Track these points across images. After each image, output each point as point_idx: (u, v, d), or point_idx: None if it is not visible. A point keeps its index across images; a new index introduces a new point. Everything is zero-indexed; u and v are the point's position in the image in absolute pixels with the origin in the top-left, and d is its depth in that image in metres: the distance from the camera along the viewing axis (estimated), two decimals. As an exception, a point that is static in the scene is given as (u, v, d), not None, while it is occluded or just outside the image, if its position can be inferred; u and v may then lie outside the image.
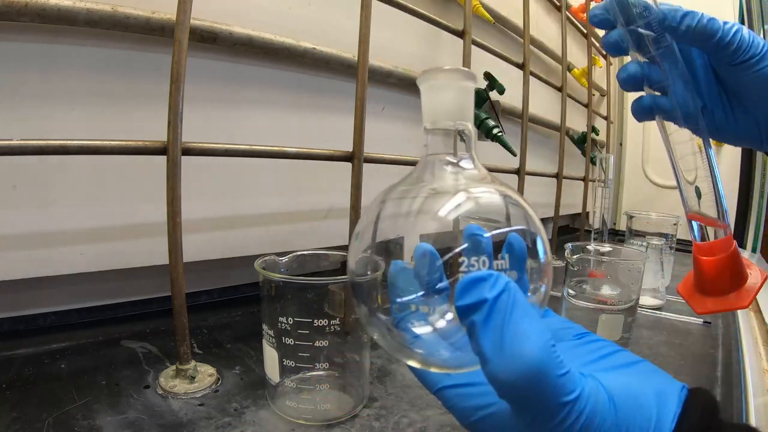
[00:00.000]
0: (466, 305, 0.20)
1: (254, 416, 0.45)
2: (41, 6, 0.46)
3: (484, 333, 0.20)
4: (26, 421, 0.41)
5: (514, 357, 0.19)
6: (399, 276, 0.25)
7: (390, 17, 0.73)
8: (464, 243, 0.23)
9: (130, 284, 0.67)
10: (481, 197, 0.25)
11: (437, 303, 0.24)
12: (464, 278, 0.20)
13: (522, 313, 0.20)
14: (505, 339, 0.19)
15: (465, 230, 0.24)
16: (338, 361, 0.46)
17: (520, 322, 0.20)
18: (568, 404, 0.20)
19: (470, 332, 0.20)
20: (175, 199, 0.47)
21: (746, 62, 0.34)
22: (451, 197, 0.25)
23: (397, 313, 0.25)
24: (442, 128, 0.26)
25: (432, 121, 0.26)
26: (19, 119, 0.50)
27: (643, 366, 0.25)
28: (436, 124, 0.26)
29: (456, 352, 0.24)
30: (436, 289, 0.24)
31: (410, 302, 0.24)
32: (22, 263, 0.53)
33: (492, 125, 0.90)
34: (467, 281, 0.20)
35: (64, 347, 0.57)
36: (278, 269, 0.48)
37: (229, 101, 0.65)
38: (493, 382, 0.20)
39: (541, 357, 0.19)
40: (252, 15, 0.64)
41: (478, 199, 0.25)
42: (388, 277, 0.25)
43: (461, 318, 0.20)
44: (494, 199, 0.25)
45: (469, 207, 0.25)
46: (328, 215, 0.79)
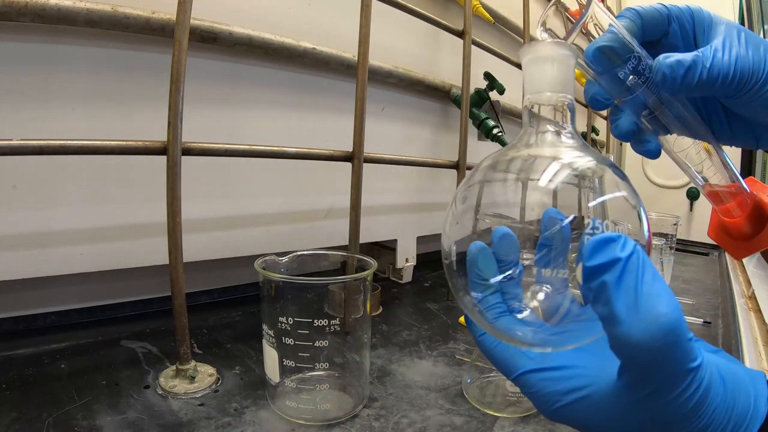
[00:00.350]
0: (598, 265, 0.19)
1: (254, 416, 0.45)
2: (41, 6, 0.46)
3: (617, 293, 0.19)
4: (26, 421, 0.42)
5: (650, 317, 0.18)
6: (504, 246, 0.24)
7: (390, 17, 0.73)
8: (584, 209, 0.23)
9: (130, 284, 0.67)
10: (587, 166, 0.25)
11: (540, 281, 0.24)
12: (594, 238, 0.19)
13: (653, 274, 0.19)
14: (640, 299, 0.19)
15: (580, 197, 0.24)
16: (338, 361, 0.46)
17: (652, 282, 0.19)
18: (693, 371, 0.20)
19: (598, 294, 0.19)
20: (175, 199, 0.47)
21: (748, 93, 0.31)
22: (559, 164, 0.24)
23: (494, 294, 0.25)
24: (546, 100, 0.26)
25: (535, 92, 0.26)
26: (19, 119, 0.50)
27: (724, 354, 0.25)
28: (539, 96, 0.26)
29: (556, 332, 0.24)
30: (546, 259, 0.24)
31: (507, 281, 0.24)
32: (22, 263, 0.53)
33: (492, 125, 0.90)
34: (598, 241, 0.19)
35: (64, 347, 0.57)
36: (278, 269, 0.48)
37: (229, 101, 0.65)
38: (624, 346, 0.19)
39: (676, 318, 0.19)
40: (252, 15, 0.64)
41: (583, 168, 0.25)
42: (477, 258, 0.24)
43: (589, 279, 0.20)
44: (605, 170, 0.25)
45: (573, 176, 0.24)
46: (328, 215, 0.79)
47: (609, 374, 0.22)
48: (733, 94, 0.31)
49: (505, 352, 0.26)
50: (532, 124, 0.26)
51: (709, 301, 0.98)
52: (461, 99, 0.84)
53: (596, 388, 0.23)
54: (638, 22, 0.33)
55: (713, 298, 1.01)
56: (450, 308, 0.80)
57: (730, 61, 0.30)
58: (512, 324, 0.25)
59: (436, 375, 0.56)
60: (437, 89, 0.91)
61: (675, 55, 0.30)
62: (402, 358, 0.60)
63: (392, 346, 0.63)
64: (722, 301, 0.98)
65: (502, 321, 0.25)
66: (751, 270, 1.26)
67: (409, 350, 0.63)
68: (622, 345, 0.19)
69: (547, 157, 0.25)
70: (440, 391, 0.52)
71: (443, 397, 0.51)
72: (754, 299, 0.99)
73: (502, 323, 0.25)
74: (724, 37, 0.31)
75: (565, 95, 0.25)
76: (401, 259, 0.93)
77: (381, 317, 0.74)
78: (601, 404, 0.22)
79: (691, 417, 0.20)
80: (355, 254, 0.56)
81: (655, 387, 0.20)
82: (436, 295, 0.87)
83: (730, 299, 0.98)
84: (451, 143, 0.94)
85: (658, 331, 0.18)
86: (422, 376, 0.55)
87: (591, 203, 0.24)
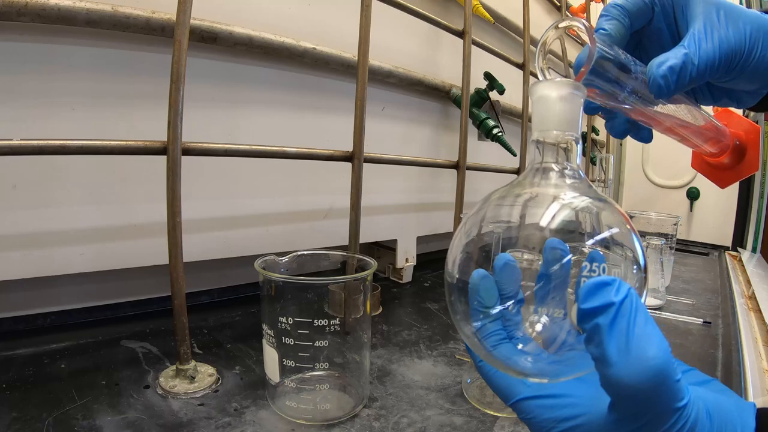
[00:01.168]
0: (592, 308, 0.20)
1: (254, 416, 0.45)
2: (41, 6, 0.46)
3: (610, 336, 0.20)
4: (26, 421, 0.42)
5: (640, 360, 0.19)
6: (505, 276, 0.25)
7: (390, 17, 0.73)
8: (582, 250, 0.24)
9: (130, 284, 0.67)
10: (586, 206, 0.26)
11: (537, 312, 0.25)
12: (590, 281, 0.20)
13: (644, 317, 0.20)
14: (631, 342, 0.19)
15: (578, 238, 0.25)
16: (338, 361, 0.46)
17: (644, 326, 0.20)
18: (679, 410, 0.21)
19: (591, 335, 0.20)
20: (175, 199, 0.47)
21: (732, 72, 0.32)
22: (559, 204, 0.26)
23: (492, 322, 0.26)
24: (552, 138, 0.27)
25: (541, 131, 0.27)
26: (19, 119, 0.50)
27: (717, 384, 0.26)
28: (546, 134, 0.27)
29: (553, 363, 0.25)
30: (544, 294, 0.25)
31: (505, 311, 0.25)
32: (22, 263, 0.53)
33: (492, 125, 0.90)
34: (593, 285, 0.20)
35: (64, 347, 0.57)
36: (278, 269, 0.48)
37: (229, 101, 0.65)
38: (614, 386, 0.20)
39: (665, 360, 0.20)
40: (252, 15, 0.64)
41: (583, 208, 0.26)
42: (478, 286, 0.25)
43: (583, 321, 0.21)
44: (603, 209, 0.26)
45: (573, 215, 0.26)
46: (328, 215, 0.79)
47: (602, 405, 0.23)
48: (719, 78, 0.33)
49: (503, 380, 0.28)
50: (538, 161, 0.27)
51: (709, 301, 0.98)
52: (461, 99, 0.84)
53: (589, 418, 0.24)
54: (626, 21, 0.34)
55: (713, 298, 1.01)
56: (450, 308, 0.80)
57: (714, 49, 0.31)
58: (511, 353, 0.25)
59: (436, 375, 0.56)
60: (437, 89, 0.91)
61: (665, 63, 0.31)
62: (402, 358, 0.60)
63: (392, 346, 0.63)
64: (722, 301, 0.98)
65: (501, 350, 0.26)
66: (751, 270, 1.26)
67: (409, 350, 0.63)
68: (612, 385, 0.20)
69: (550, 196, 0.26)
70: (440, 391, 0.52)
71: (443, 397, 0.51)
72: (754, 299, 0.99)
73: (501, 352, 0.26)
74: (704, 21, 0.32)
75: (572, 134, 0.27)
76: (401, 259, 0.93)
77: (381, 317, 0.74)
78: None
79: None
80: (355, 254, 0.56)
81: (643, 424, 0.21)
82: (436, 295, 0.87)
83: (730, 299, 0.98)
84: (451, 143, 0.94)
85: (646, 374, 0.19)
86: (422, 376, 0.56)
87: (588, 241, 0.24)
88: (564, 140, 0.26)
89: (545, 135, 0.27)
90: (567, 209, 0.25)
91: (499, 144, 0.90)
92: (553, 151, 0.27)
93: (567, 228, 0.24)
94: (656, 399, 0.20)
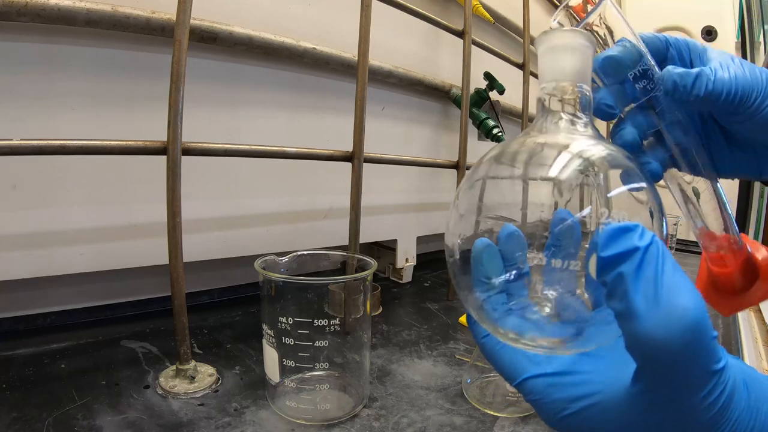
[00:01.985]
0: (614, 255, 0.18)
1: (254, 416, 0.45)
2: (41, 6, 0.46)
3: (636, 285, 0.17)
4: (26, 421, 0.41)
5: (672, 311, 0.17)
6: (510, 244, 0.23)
7: (390, 17, 0.73)
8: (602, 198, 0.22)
9: (130, 284, 0.67)
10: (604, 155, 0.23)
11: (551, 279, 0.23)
12: (610, 227, 0.18)
13: (673, 265, 0.18)
14: (660, 291, 0.17)
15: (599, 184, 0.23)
16: (338, 361, 0.46)
17: (673, 274, 0.18)
18: (717, 373, 0.18)
19: (614, 287, 0.18)
20: (175, 199, 0.47)
21: (748, 109, 0.31)
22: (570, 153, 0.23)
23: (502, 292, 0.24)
24: (561, 91, 0.24)
25: (551, 80, 0.24)
26: (19, 119, 0.50)
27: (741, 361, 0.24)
28: (556, 85, 0.24)
29: (567, 333, 0.22)
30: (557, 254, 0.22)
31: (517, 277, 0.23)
32: (22, 263, 0.53)
33: (492, 125, 0.90)
34: (614, 229, 0.18)
35: (64, 347, 0.57)
36: (278, 269, 0.48)
37: (229, 101, 0.65)
38: (642, 344, 0.18)
39: (700, 313, 0.17)
40: (252, 15, 0.64)
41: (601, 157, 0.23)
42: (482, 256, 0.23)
43: (604, 271, 0.18)
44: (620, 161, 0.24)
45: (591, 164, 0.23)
46: (328, 215, 0.79)
47: (621, 379, 0.21)
48: (734, 111, 0.31)
49: (509, 356, 0.25)
50: (545, 114, 0.25)
51: (709, 301, 0.98)
52: (461, 99, 0.84)
53: (607, 394, 0.21)
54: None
55: (713, 298, 1.01)
56: (450, 308, 0.80)
57: (730, 78, 0.30)
58: (519, 323, 0.23)
59: (436, 375, 0.56)
60: (437, 89, 0.91)
61: (680, 68, 0.30)
62: (402, 358, 0.60)
63: (392, 346, 0.63)
64: (722, 301, 0.98)
65: (509, 320, 0.24)
66: (751, 270, 1.25)
67: (409, 350, 0.63)
68: (640, 343, 0.18)
69: (559, 146, 0.24)
70: (440, 391, 0.52)
71: (443, 397, 0.51)
72: (754, 299, 0.99)
73: (509, 322, 0.24)
74: (720, 61, 0.31)
75: (585, 86, 0.24)
76: (401, 259, 0.93)
77: (381, 317, 0.74)
78: (613, 412, 0.21)
79: (713, 424, 0.19)
80: (355, 254, 0.56)
81: (675, 391, 0.18)
82: (436, 295, 0.87)
83: (730, 299, 0.98)
84: (451, 143, 0.94)
85: (681, 328, 0.17)
86: (422, 376, 0.56)
87: (609, 194, 0.22)
88: (575, 94, 0.24)
89: (555, 86, 0.24)
90: (578, 159, 0.23)
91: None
92: (564, 103, 0.24)
93: (579, 184, 0.22)
94: (691, 359, 0.17)
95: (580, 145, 0.23)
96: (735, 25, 1.77)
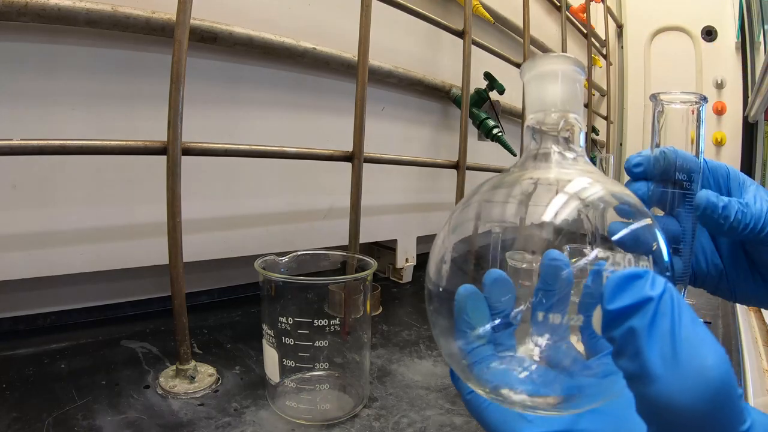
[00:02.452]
0: (624, 307, 0.16)
1: (254, 416, 0.45)
2: (41, 6, 0.46)
3: (650, 342, 0.15)
4: (26, 421, 0.41)
5: (695, 371, 0.15)
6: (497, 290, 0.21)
7: (390, 17, 0.73)
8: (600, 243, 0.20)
9: (130, 284, 0.67)
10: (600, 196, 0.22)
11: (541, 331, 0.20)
12: (617, 274, 0.16)
13: (690, 316, 0.16)
14: (679, 348, 0.15)
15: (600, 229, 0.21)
16: (338, 361, 0.46)
17: (692, 327, 0.15)
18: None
19: (624, 344, 0.16)
20: (175, 199, 0.47)
21: None
22: (566, 195, 0.21)
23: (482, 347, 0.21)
24: (552, 121, 0.22)
25: (537, 112, 0.22)
26: (19, 119, 0.50)
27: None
28: (543, 116, 0.22)
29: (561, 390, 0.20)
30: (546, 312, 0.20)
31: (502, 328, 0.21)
32: (22, 263, 0.53)
33: (492, 125, 0.90)
34: (622, 277, 0.16)
35: (64, 347, 0.57)
36: (278, 269, 0.48)
37: (229, 101, 0.65)
38: (660, 409, 0.15)
39: (726, 371, 0.15)
40: (252, 15, 0.64)
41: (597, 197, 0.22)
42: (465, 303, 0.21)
43: (612, 326, 0.16)
44: (617, 199, 0.22)
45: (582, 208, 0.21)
46: (328, 215, 0.79)
47: None
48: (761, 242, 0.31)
49: (499, 415, 0.23)
50: (535, 147, 0.23)
51: (709, 301, 0.98)
52: (461, 99, 0.84)
53: None
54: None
55: (713, 298, 1.01)
56: (450, 308, 0.80)
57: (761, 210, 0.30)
58: (506, 380, 0.21)
59: (436, 375, 0.56)
60: (437, 89, 0.91)
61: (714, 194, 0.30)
62: (402, 358, 0.60)
63: (392, 346, 0.63)
64: (722, 301, 0.98)
65: (495, 376, 0.21)
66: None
67: (409, 350, 0.63)
68: (657, 408, 0.15)
69: (552, 185, 0.22)
70: (440, 391, 0.52)
71: (443, 397, 0.51)
72: (754, 299, 0.99)
73: (495, 379, 0.21)
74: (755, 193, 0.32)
75: (575, 115, 0.22)
76: (401, 259, 0.93)
77: (381, 317, 0.74)
78: None
79: None
80: (355, 254, 0.56)
81: None
82: (436, 295, 0.87)
83: (730, 299, 0.98)
84: (451, 143, 0.94)
85: (706, 390, 0.15)
86: (422, 376, 0.55)
87: (613, 237, 0.20)
88: (567, 124, 0.22)
89: (543, 117, 0.22)
90: (574, 201, 0.21)
91: (499, 144, 0.90)
92: (553, 138, 0.22)
93: (575, 227, 0.20)
94: (716, 423, 0.15)
95: (574, 186, 0.21)
96: (735, 25, 1.77)
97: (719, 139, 1.76)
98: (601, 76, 1.79)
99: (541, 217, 0.20)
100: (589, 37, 1.54)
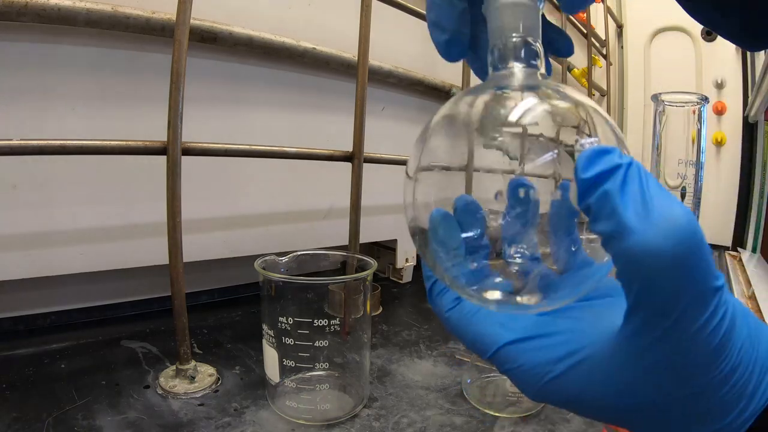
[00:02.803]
0: (596, 174, 0.17)
1: (254, 416, 0.45)
2: (41, 6, 0.46)
3: (624, 199, 0.16)
4: (26, 421, 0.42)
5: (666, 219, 0.16)
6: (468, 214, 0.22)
7: (390, 17, 0.73)
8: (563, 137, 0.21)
9: (130, 284, 0.67)
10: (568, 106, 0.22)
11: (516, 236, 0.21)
12: (588, 149, 0.17)
13: (657, 183, 0.17)
14: (650, 202, 0.16)
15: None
16: (338, 361, 0.46)
17: (659, 188, 0.17)
18: (719, 290, 0.16)
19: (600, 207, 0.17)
20: (175, 199, 0.47)
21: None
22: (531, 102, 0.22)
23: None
24: (510, 44, 0.23)
25: (498, 38, 0.23)
26: (19, 119, 0.50)
27: None
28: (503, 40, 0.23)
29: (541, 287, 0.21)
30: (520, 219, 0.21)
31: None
32: (22, 263, 0.53)
33: (492, 125, 0.90)
34: (593, 152, 0.17)
35: (64, 347, 0.57)
36: (278, 269, 0.48)
37: (229, 101, 0.65)
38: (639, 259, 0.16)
39: (694, 220, 0.16)
40: (252, 15, 0.64)
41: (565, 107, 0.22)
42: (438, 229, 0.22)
43: (587, 193, 0.17)
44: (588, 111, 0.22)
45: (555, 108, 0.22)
46: (328, 215, 0.79)
47: (606, 331, 0.19)
48: None
49: (480, 327, 0.23)
50: (498, 67, 0.24)
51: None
52: (461, 99, 0.84)
53: (594, 348, 0.19)
54: None
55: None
56: (450, 308, 0.80)
57: None
58: (490, 282, 0.22)
59: (436, 375, 0.56)
60: (437, 89, 0.91)
61: None
62: (402, 358, 0.60)
63: (392, 346, 0.63)
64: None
65: (478, 280, 0.22)
66: (751, 270, 1.26)
67: (409, 350, 0.63)
68: (635, 262, 0.16)
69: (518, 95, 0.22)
70: (440, 391, 0.52)
71: (443, 397, 0.51)
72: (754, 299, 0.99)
73: (478, 282, 0.22)
74: None
75: (534, 40, 0.23)
76: (401, 259, 0.93)
77: (381, 317, 0.74)
78: (602, 367, 0.19)
79: (717, 355, 0.17)
80: (355, 254, 0.56)
81: (676, 314, 0.16)
82: (436, 295, 0.87)
83: (730, 299, 0.98)
84: (451, 143, 0.94)
85: (676, 232, 0.16)
86: (422, 376, 0.55)
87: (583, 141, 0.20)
88: (528, 44, 0.23)
89: (504, 41, 0.23)
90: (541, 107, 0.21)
91: (499, 144, 0.90)
92: (515, 56, 0.23)
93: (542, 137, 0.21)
94: (691, 272, 0.16)
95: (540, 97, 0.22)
96: (735, 25, 1.77)
97: (719, 139, 1.76)
98: (601, 76, 1.79)
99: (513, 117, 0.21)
100: (589, 37, 1.54)
